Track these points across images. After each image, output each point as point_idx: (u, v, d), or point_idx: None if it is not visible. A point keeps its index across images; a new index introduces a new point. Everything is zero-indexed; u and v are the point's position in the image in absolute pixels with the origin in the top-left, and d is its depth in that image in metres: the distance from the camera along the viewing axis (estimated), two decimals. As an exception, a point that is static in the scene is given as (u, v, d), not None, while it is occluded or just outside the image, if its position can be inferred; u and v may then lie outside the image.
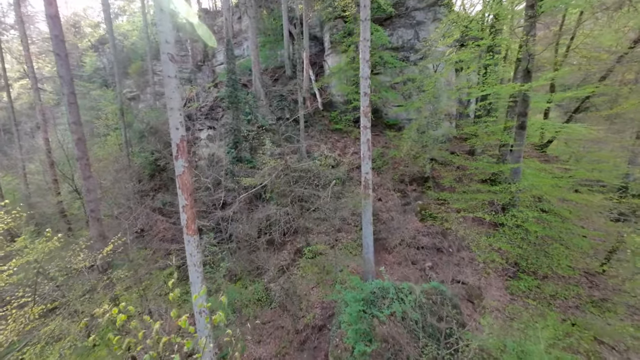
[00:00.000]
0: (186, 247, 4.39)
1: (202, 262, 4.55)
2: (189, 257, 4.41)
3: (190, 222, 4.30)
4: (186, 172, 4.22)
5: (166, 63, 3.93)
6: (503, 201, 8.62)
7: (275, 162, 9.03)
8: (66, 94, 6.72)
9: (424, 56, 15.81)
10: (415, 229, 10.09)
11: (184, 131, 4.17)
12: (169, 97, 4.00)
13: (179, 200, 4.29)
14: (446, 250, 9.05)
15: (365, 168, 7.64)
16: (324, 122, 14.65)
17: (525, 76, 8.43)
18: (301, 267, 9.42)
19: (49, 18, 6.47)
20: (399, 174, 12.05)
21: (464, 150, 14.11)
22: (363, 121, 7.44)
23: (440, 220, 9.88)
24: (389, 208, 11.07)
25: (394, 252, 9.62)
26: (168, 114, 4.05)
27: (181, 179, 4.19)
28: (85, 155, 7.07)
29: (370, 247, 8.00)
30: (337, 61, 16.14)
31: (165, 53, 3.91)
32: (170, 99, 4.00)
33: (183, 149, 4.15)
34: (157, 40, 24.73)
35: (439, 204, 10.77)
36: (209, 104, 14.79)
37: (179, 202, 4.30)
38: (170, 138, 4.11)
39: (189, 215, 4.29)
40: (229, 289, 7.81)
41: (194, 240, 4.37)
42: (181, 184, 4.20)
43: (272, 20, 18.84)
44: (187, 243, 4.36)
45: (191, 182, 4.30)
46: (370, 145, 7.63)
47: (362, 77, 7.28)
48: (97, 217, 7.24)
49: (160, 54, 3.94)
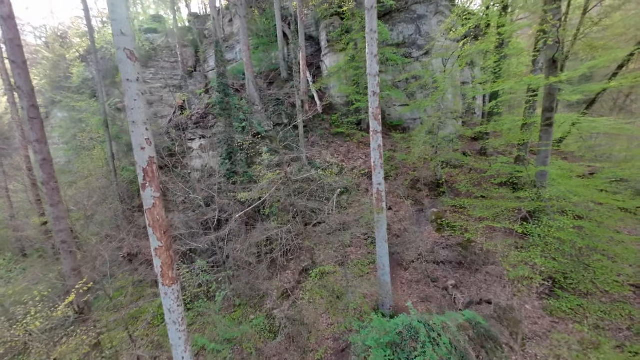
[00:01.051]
0: (163, 301, 3.38)
1: (185, 317, 3.53)
2: (168, 313, 3.40)
3: (166, 268, 3.30)
4: (158, 204, 3.22)
5: (123, 62, 2.95)
6: (531, 208, 7.65)
7: (273, 174, 8.05)
8: (26, 107, 5.74)
9: (428, 52, 14.96)
10: (432, 241, 9.11)
11: (153, 151, 3.18)
12: (130, 108, 3.02)
13: (150, 241, 3.29)
14: (470, 265, 8.06)
15: (377, 178, 6.68)
16: (324, 126, 13.70)
17: (551, 67, 7.50)
18: (308, 290, 8.41)
19: (2, 20, 5.50)
20: (409, 180, 11.09)
21: (474, 150, 13.19)
22: (373, 125, 6.48)
23: (460, 230, 8.91)
24: (401, 218, 10.09)
25: (411, 269, 8.62)
26: (130, 129, 3.07)
27: (151, 213, 3.20)
28: (53, 179, 6.07)
29: (386, 267, 7.01)
30: (335, 61, 15.22)
31: (122, 49, 2.93)
32: (132, 110, 3.02)
33: (152, 175, 3.16)
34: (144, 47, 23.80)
35: (455, 211, 9.80)
36: (200, 112, 13.82)
37: (150, 243, 3.30)
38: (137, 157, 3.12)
39: (165, 261, 3.29)
40: (226, 323, 6.79)
41: (173, 291, 3.37)
42: (152, 220, 3.21)
43: (264, 21, 17.94)
44: (164, 296, 3.36)
45: (165, 217, 3.30)
46: (382, 152, 6.67)
47: (370, 75, 6.33)
48: (70, 249, 6.22)
49: (116, 49, 2.96)
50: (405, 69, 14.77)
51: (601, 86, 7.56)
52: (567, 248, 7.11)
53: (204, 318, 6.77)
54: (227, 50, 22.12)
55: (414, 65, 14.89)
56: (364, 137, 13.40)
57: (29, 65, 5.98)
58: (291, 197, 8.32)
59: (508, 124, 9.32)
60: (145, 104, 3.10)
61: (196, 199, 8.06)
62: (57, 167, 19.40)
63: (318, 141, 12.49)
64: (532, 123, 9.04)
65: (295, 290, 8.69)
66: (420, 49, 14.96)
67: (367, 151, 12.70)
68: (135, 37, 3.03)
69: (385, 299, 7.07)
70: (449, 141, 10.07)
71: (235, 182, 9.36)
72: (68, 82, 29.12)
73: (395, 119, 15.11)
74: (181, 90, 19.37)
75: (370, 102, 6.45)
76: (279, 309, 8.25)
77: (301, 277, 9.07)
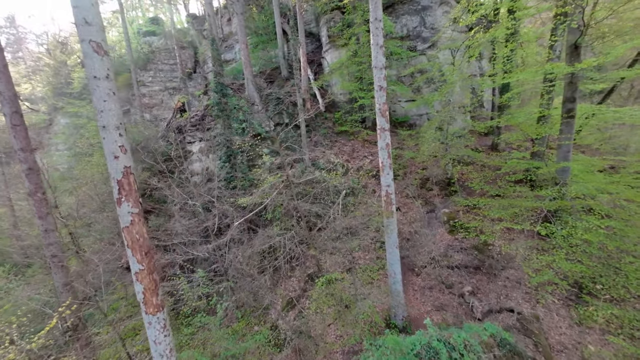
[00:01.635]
0: (147, 332, 2.95)
1: (174, 348, 3.09)
2: (153, 345, 2.97)
3: (149, 294, 2.86)
4: (137, 221, 2.78)
5: (89, 56, 2.51)
6: (552, 207, 7.07)
7: (274, 178, 7.60)
8: (8, 114, 5.37)
9: (434, 44, 14.35)
10: (445, 243, 8.58)
11: (130, 160, 2.73)
12: (99, 110, 2.58)
13: (130, 264, 2.86)
14: (487, 269, 7.51)
15: (386, 180, 6.17)
16: (327, 125, 13.21)
17: (572, 53, 6.89)
18: (314, 299, 7.96)
19: (-22, 20, 5.13)
20: (418, 179, 10.54)
21: (485, 146, 12.58)
22: (380, 122, 5.97)
23: (474, 231, 8.35)
24: (411, 219, 9.56)
25: (423, 274, 8.11)
26: (101, 135, 2.63)
27: (129, 232, 2.76)
28: (40, 189, 5.70)
29: (397, 275, 6.52)
30: (337, 57, 14.70)
31: (87, 41, 2.48)
32: (102, 113, 2.58)
33: (129, 188, 2.72)
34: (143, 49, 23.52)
35: (468, 211, 9.24)
36: (199, 114, 13.43)
37: (130, 266, 2.87)
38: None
39: (147, 286, 2.85)
40: (228, 339, 6.37)
41: (159, 320, 2.93)
42: (130, 240, 2.77)
43: (263, 18, 17.48)
44: (148, 326, 2.92)
45: (146, 236, 2.85)
46: (390, 152, 6.16)
47: (376, 67, 5.82)
48: (61, 263, 5.86)
49: (80, 42, 2.51)
50: (410, 63, 14.19)
51: (635, 72, 6.90)
52: (595, 250, 6.53)
53: (204, 333, 6.36)
54: (226, 50, 21.73)
55: (419, 59, 14.31)
56: (369, 135, 12.88)
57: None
58: (294, 200, 7.86)
59: (523, 116, 8.70)
60: (117, 105, 2.65)
61: (195, 205, 7.66)
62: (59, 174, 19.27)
63: (321, 141, 12.00)
64: (550, 115, 8.44)
65: (301, 299, 8.25)
66: (426, 41, 14.36)
67: (373, 150, 12.19)
68: (103, 27, 2.59)
69: (397, 309, 6.58)
70: (460, 137, 9.49)
71: (235, 186, 8.95)
72: (69, 88, 29.11)
73: (400, 115, 14.55)
74: (180, 92, 19.05)
75: (377, 98, 5.94)
76: (284, 320, 7.82)
77: (307, 284, 8.62)
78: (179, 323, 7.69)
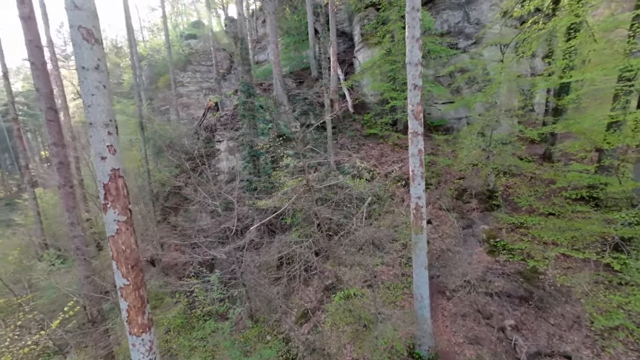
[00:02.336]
0: (132, 354, 2.63)
1: (160, 373, 2.74)
2: (137, 370, 2.64)
3: (134, 313, 2.55)
4: (124, 230, 2.48)
5: (78, 45, 2.25)
6: (628, 234, 5.74)
7: (294, 181, 7.20)
8: (44, 109, 5.61)
9: (478, 41, 13.04)
10: (483, 265, 7.51)
11: (118, 162, 2.44)
12: (87, 105, 2.32)
13: (115, 278, 2.57)
14: (536, 302, 6.36)
15: (416, 190, 5.44)
16: (355, 127, 12.58)
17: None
18: (330, 313, 7.40)
19: (22, 20, 5.42)
20: (453, 189, 9.50)
21: (535, 155, 11.02)
22: (413, 125, 5.27)
23: (520, 254, 7.19)
24: (444, 234, 8.59)
25: (455, 298, 7.14)
26: (89, 133, 2.37)
27: (114, 242, 2.47)
28: (69, 182, 5.89)
29: (425, 300, 5.72)
30: (369, 56, 14.01)
31: (76, 27, 2.22)
32: (89, 108, 2.31)
33: (117, 193, 2.42)
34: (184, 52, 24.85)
35: (513, 229, 8.04)
36: (229, 113, 13.61)
37: (115, 280, 2.59)
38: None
39: (133, 303, 2.54)
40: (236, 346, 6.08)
41: (144, 342, 2.61)
42: (115, 251, 2.47)
43: (295, 18, 17.35)
44: (132, 347, 2.61)
45: (135, 247, 2.54)
46: (423, 159, 5.41)
47: (410, 63, 5.14)
48: (83, 256, 6.01)
49: (69, 28, 2.26)
50: (449, 62, 13.05)
51: None
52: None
53: (213, 340, 6.13)
54: (260, 51, 22.07)
55: (460, 57, 13.09)
56: (400, 139, 12.00)
57: None
58: (314, 206, 7.40)
59: (589, 122, 7.31)
60: (107, 99, 2.36)
61: (215, 205, 7.55)
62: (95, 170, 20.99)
63: (348, 143, 11.42)
64: (625, 121, 6.98)
65: (317, 312, 7.74)
66: (469, 38, 13.10)
67: (404, 155, 11.31)
68: (97, 13, 2.32)
69: (423, 338, 5.79)
70: (506, 144, 8.31)
71: (256, 187, 8.74)
72: (120, 87, 31.89)
73: (436, 118, 13.43)
74: (215, 92, 19.68)
75: (410, 98, 5.24)
76: (298, 332, 7.38)
77: (324, 296, 8.09)
78: (193, 323, 7.63)
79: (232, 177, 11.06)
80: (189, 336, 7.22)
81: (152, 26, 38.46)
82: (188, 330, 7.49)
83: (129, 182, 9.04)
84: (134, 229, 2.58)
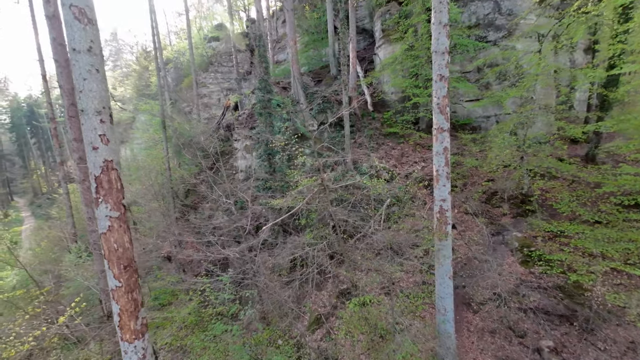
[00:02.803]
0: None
1: (155, 383, 2.54)
2: (129, 378, 2.44)
3: (126, 317, 2.36)
4: (117, 228, 2.30)
5: (70, 24, 2.09)
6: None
7: (309, 181, 6.92)
8: (66, 106, 5.75)
9: (510, 33, 12.11)
10: (515, 277, 6.78)
11: (112, 153, 2.26)
12: (78, 90, 2.15)
13: (107, 278, 2.41)
14: (579, 322, 5.59)
15: (441, 192, 4.94)
16: (374, 125, 12.10)
17: None
18: (345, 320, 7.02)
19: (47, 19, 5.58)
20: (481, 192, 8.76)
21: (575, 156, 9.95)
22: (438, 120, 4.79)
23: (560, 266, 6.40)
24: (470, 240, 7.91)
25: (483, 312, 6.50)
26: (81, 121, 2.20)
27: (106, 240, 2.29)
28: (88, 178, 6.00)
29: (449, 313, 5.20)
30: (390, 52, 13.47)
31: (67, 5, 2.06)
32: (81, 93, 2.14)
33: (110, 186, 2.24)
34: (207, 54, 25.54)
35: (551, 238, 7.22)
36: (247, 112, 13.64)
37: (108, 281, 2.42)
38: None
39: (125, 307, 2.35)
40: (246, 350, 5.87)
41: (136, 350, 2.41)
42: (107, 249, 2.30)
43: (315, 16, 17.15)
44: (124, 355, 2.42)
45: (128, 246, 2.35)
46: (449, 158, 4.91)
47: (437, 52, 4.67)
48: (99, 251, 6.09)
49: (61, 7, 2.11)
50: (477, 56, 12.21)
51: None
52: None
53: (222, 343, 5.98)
54: (279, 51, 22.13)
55: (489, 51, 12.22)
56: (423, 139, 11.36)
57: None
58: (330, 206, 7.06)
59: None
60: (102, 84, 2.19)
61: (228, 203, 7.45)
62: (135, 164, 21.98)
63: (366, 142, 10.97)
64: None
65: (331, 318, 7.39)
66: (499, 30, 12.20)
67: (426, 155, 10.68)
68: None
69: (446, 356, 5.26)
70: (543, 143, 7.51)
71: (270, 187, 8.56)
72: (148, 89, 33.48)
73: (462, 116, 12.62)
74: (235, 92, 19.97)
75: (435, 90, 4.77)
76: (311, 337, 7.06)
77: (338, 301, 7.71)
78: (205, 322, 7.56)
79: (249, 176, 10.99)
80: (202, 335, 7.15)
81: (179, 30, 40.09)
82: (201, 329, 7.44)
83: (151, 180, 9.12)
84: (128, 226, 2.38)
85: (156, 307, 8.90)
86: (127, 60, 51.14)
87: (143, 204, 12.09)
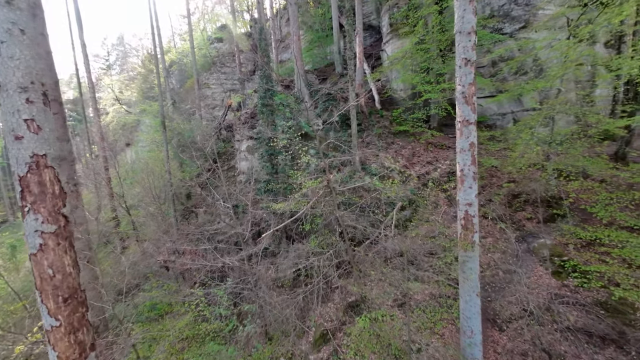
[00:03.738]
0: None
1: None
2: None
3: (67, 368, 1.72)
4: (53, 247, 1.69)
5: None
6: None
7: (313, 183, 6.29)
8: (47, 102, 5.24)
9: (527, 25, 11.36)
10: (547, 290, 6.02)
11: (46, 144, 1.65)
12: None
13: (42, 316, 1.79)
14: (632, 344, 4.81)
15: (466, 195, 4.26)
16: (382, 123, 11.43)
17: None
18: (354, 337, 6.34)
19: (27, 7, 5.10)
20: (502, 194, 8.01)
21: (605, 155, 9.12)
22: (463, 111, 4.12)
23: (599, 279, 5.62)
24: (492, 248, 7.17)
25: (511, 330, 5.74)
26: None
27: (37, 263, 1.68)
28: (72, 180, 5.48)
29: (476, 335, 4.49)
30: (398, 47, 12.81)
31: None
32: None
33: (41, 190, 1.64)
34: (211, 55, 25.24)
35: (585, 245, 6.44)
36: (249, 112, 13.11)
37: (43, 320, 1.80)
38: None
39: (65, 354, 1.73)
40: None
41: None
42: (38, 276, 1.69)
43: (319, 12, 16.61)
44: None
45: (69, 272, 1.73)
46: (476, 155, 4.23)
47: (462, 32, 4.01)
48: (87, 258, 5.56)
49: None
50: (492, 49, 11.48)
51: None
52: None
53: None
54: (283, 50, 21.67)
55: (504, 44, 11.48)
56: (435, 137, 10.65)
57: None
58: (336, 210, 6.41)
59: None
60: (28, 50, 1.59)
61: (226, 207, 6.88)
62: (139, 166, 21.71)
63: (375, 142, 10.31)
64: None
65: (338, 333, 6.70)
66: (516, 21, 11.44)
67: (439, 154, 9.96)
68: None
69: (473, 385, 4.54)
70: (577, 139, 6.75)
71: (272, 189, 7.96)
72: (152, 91, 33.39)
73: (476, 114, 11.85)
74: (238, 93, 19.54)
75: (460, 76, 4.11)
76: (316, 357, 6.40)
77: (346, 315, 7.03)
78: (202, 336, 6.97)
79: (250, 178, 10.42)
80: (198, 351, 6.54)
81: (183, 33, 40.12)
82: (198, 342, 6.84)
83: (152, 183, 8.53)
84: (71, 244, 1.77)
85: (153, 317, 8.35)
86: (133, 63, 51.58)
87: (143, 208, 11.61)
